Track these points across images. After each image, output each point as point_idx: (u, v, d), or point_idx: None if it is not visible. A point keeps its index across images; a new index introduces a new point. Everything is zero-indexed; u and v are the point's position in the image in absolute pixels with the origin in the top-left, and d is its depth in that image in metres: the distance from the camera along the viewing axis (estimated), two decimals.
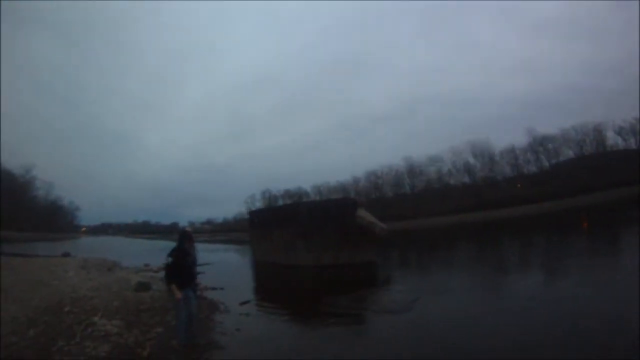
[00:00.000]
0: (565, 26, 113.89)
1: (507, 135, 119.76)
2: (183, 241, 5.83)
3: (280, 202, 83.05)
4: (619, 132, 62.54)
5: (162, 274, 15.24)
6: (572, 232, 21.50)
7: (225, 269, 16.23)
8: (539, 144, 68.22)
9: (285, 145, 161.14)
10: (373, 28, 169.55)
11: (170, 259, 5.60)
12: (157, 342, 5.76)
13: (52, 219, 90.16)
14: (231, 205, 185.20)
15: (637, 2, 54.99)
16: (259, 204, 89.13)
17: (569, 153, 67.55)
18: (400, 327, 6.60)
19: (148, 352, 5.33)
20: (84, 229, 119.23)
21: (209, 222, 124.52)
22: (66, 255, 22.63)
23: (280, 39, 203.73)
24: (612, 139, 63.81)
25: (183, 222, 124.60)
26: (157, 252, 30.78)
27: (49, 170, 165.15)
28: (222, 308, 8.57)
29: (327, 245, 15.65)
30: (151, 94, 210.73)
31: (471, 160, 72.95)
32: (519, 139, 70.83)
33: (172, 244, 6.01)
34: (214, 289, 11.16)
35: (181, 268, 5.60)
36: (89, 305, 7.46)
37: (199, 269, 9.41)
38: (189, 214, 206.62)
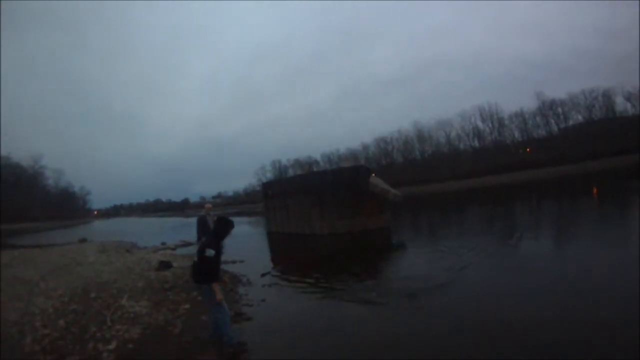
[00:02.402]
0: None
1: (515, 99, 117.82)
2: (225, 231, 4.81)
3: (291, 172, 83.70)
4: (628, 97, 60.92)
5: (179, 251, 15.55)
6: (582, 199, 20.90)
7: (241, 241, 16.35)
8: (549, 108, 67.57)
9: (292, 114, 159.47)
10: None
11: (212, 252, 4.52)
12: (186, 318, 5.75)
13: (65, 206, 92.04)
14: (241, 178, 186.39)
15: None
16: (269, 175, 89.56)
17: (578, 117, 66.82)
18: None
19: (179, 330, 5.31)
20: (96, 212, 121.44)
21: (219, 195, 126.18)
22: (83, 240, 23.03)
23: (283, 7, 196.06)
24: (621, 105, 62.47)
25: (194, 198, 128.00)
26: (170, 230, 31.28)
27: (57, 158, 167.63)
28: (244, 280, 8.67)
29: (341, 213, 15.74)
30: (154, 73, 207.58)
31: (480, 124, 72.78)
32: (528, 103, 70.29)
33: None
34: (234, 262, 11.19)
35: (218, 262, 4.74)
36: (114, 289, 7.52)
37: None
38: (200, 189, 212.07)
